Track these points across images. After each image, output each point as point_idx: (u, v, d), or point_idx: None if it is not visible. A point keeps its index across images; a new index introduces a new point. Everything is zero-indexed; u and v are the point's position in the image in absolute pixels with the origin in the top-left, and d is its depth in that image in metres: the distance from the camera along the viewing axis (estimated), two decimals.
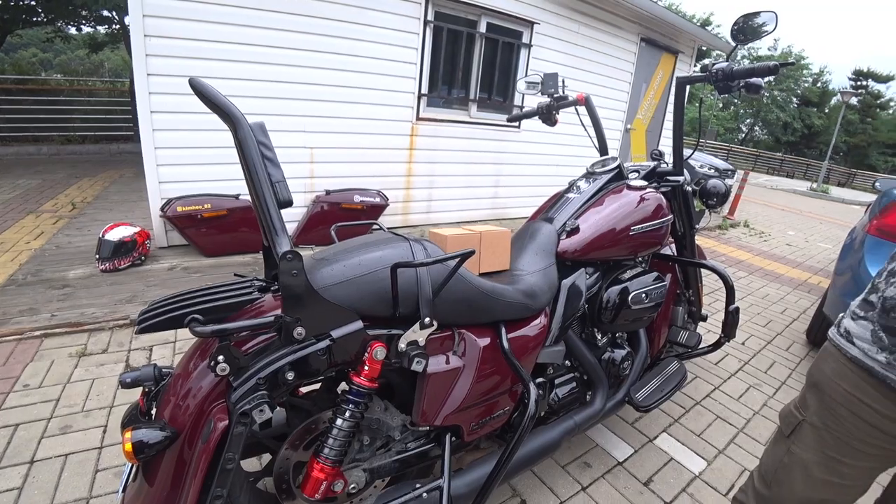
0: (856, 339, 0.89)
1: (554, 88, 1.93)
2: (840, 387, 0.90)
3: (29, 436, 1.70)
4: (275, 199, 0.84)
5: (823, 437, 0.92)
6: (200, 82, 0.82)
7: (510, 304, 1.19)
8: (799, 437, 0.96)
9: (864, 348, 0.87)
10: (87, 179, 6.20)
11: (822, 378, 0.94)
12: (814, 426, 0.94)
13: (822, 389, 0.93)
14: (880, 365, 0.84)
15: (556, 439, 1.43)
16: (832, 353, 0.94)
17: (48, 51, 20.72)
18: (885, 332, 0.84)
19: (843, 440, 0.90)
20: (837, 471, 0.92)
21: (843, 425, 0.89)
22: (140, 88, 3.16)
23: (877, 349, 0.85)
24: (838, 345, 0.92)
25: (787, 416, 1.01)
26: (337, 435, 0.99)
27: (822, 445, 0.92)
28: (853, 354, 0.88)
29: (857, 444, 0.89)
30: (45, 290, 2.79)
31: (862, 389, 0.87)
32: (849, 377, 0.89)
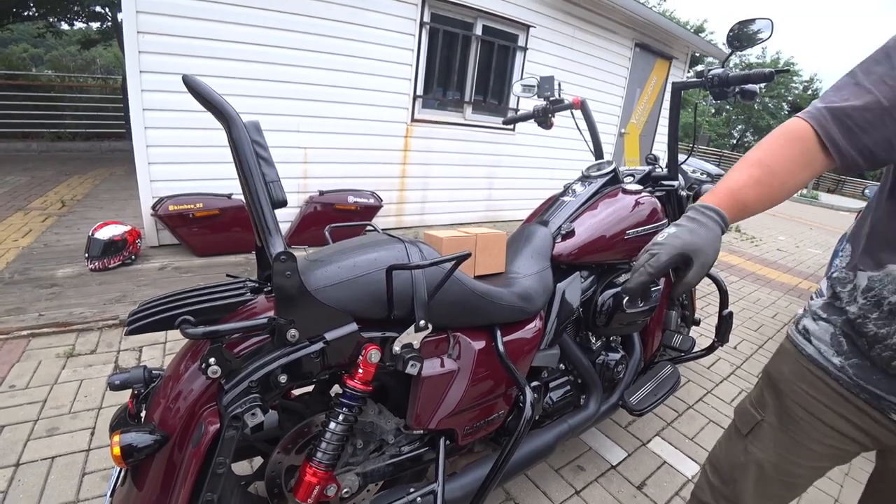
0: (813, 339, 0.88)
1: (550, 91, 1.93)
2: (798, 387, 0.89)
3: (15, 438, 1.66)
4: (269, 199, 0.82)
5: (781, 438, 0.91)
6: (194, 79, 0.81)
7: (505, 307, 1.19)
8: (757, 437, 0.94)
9: (820, 349, 0.86)
10: (77, 177, 6.13)
11: (780, 378, 0.93)
12: (772, 426, 0.92)
13: (780, 390, 0.92)
14: (834, 367, 0.84)
15: (551, 443, 1.42)
16: (790, 351, 0.92)
17: (39, 46, 20.49)
18: (846, 339, 0.82)
19: (799, 441, 0.89)
20: (791, 472, 0.92)
21: (801, 426, 0.88)
22: (132, 86, 3.13)
23: (833, 352, 0.84)
24: (796, 342, 0.91)
25: (744, 414, 0.99)
26: (330, 438, 0.98)
27: (779, 447, 0.91)
28: (808, 353, 0.88)
29: (814, 444, 0.88)
30: (33, 289, 2.75)
31: (819, 389, 0.86)
32: (807, 377, 0.87)
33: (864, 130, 0.69)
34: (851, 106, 0.70)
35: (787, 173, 0.76)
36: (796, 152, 0.76)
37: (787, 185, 0.78)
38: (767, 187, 0.77)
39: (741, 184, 0.78)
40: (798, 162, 0.76)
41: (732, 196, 0.78)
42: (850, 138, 0.71)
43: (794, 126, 0.77)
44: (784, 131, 0.78)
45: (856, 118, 0.70)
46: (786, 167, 0.76)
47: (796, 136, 0.76)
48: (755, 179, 0.77)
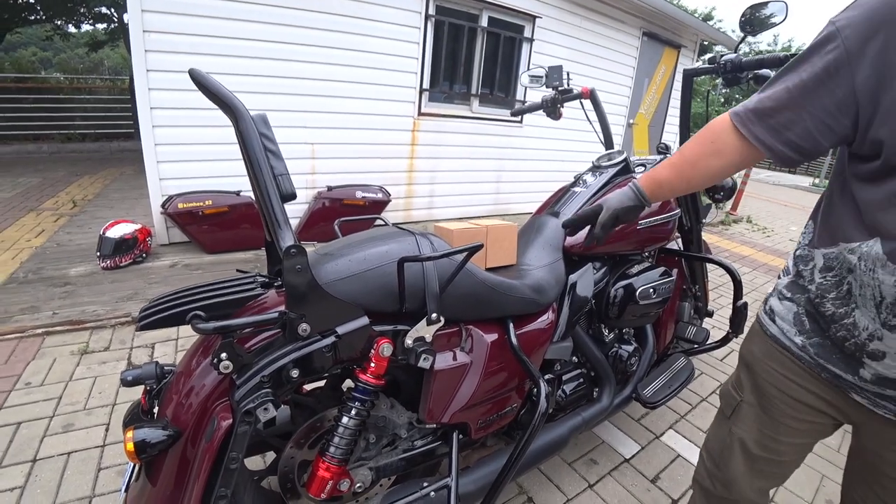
0: (777, 319, 0.90)
1: (559, 82, 1.90)
2: (769, 366, 0.91)
3: (31, 434, 1.68)
4: (278, 193, 0.82)
5: (759, 416, 0.94)
6: (201, 74, 0.80)
7: (518, 299, 1.17)
8: (738, 418, 0.98)
9: (783, 328, 0.88)
10: (87, 177, 6.18)
11: (751, 359, 0.96)
12: (750, 405, 0.96)
13: (753, 370, 0.95)
14: (796, 346, 0.86)
15: (564, 436, 1.41)
16: (757, 330, 0.96)
17: (48, 49, 20.69)
18: (808, 317, 0.84)
19: (776, 418, 0.92)
20: (775, 449, 0.94)
21: (775, 404, 0.91)
22: (140, 85, 3.14)
23: (795, 331, 0.86)
24: (762, 322, 0.94)
25: (726, 396, 1.02)
26: (343, 433, 0.97)
27: (760, 424, 0.94)
28: (772, 332, 0.91)
29: (790, 420, 0.91)
30: (47, 287, 2.78)
31: (787, 367, 0.88)
32: (775, 356, 0.90)
33: (787, 127, 0.75)
34: (772, 107, 0.76)
35: (696, 157, 0.90)
36: (706, 141, 0.87)
37: (698, 169, 0.90)
38: (677, 167, 0.95)
39: (660, 167, 1.00)
40: (707, 150, 0.87)
41: (649, 175, 1.02)
42: (776, 135, 0.76)
43: (715, 120, 0.87)
44: (707, 125, 0.89)
45: (777, 116, 0.75)
46: (695, 153, 0.90)
47: (710, 128, 0.87)
48: (670, 163, 0.96)
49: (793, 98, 0.73)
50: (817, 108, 0.71)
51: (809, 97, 0.71)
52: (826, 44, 0.70)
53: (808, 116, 0.72)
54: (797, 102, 0.73)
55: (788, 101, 0.74)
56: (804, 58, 0.73)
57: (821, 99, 0.70)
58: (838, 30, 0.68)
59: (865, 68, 0.66)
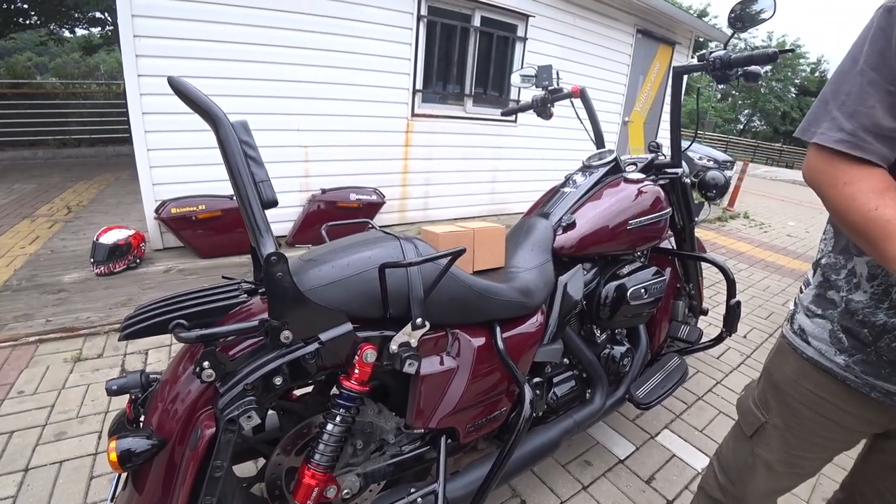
0: (811, 339, 0.83)
1: (549, 81, 1.90)
2: (802, 387, 0.86)
3: (24, 443, 1.68)
4: (259, 199, 0.81)
5: (787, 437, 0.90)
6: (180, 81, 0.80)
7: (505, 302, 1.17)
8: (762, 439, 0.93)
9: (820, 349, 0.82)
10: (82, 183, 6.17)
11: (781, 378, 0.90)
12: (777, 428, 0.91)
13: (782, 390, 0.89)
14: (839, 367, 0.79)
15: (556, 439, 1.41)
16: (788, 351, 0.89)
17: (43, 54, 20.64)
18: (846, 333, 0.78)
19: (806, 438, 0.88)
20: (799, 465, 0.92)
21: (806, 425, 0.87)
22: (131, 90, 3.13)
23: (835, 351, 0.79)
24: (794, 344, 0.87)
25: (748, 415, 0.97)
26: (328, 440, 0.97)
27: (787, 446, 0.90)
28: (809, 355, 0.84)
29: (820, 440, 0.87)
30: (40, 295, 2.77)
31: (823, 387, 0.83)
32: (810, 376, 0.84)
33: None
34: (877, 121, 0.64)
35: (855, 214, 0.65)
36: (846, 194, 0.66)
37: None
38: None
39: None
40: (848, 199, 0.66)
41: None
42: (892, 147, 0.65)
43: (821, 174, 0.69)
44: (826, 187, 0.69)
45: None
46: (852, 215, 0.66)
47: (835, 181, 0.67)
48: None
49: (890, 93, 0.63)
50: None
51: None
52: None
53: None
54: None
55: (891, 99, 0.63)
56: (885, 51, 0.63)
57: None
58: None
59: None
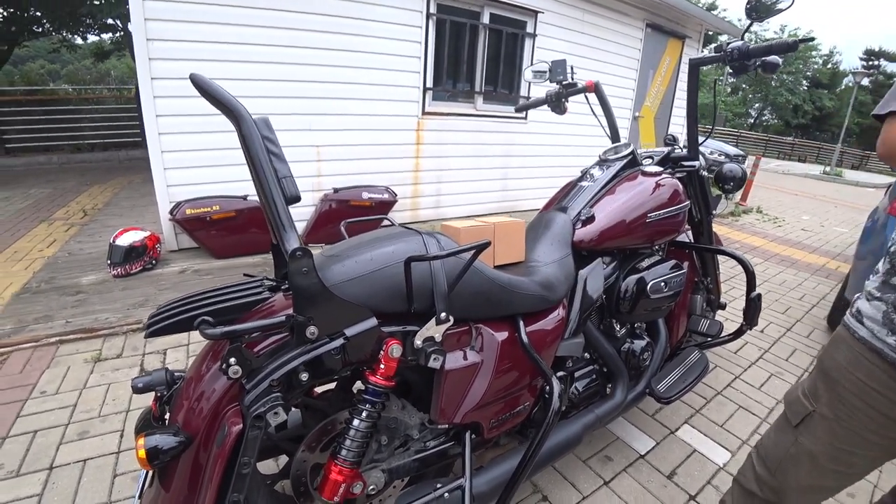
0: (865, 320, 0.84)
1: (563, 76, 1.89)
2: (854, 376, 0.85)
3: (47, 442, 1.70)
4: (282, 196, 0.81)
5: (835, 428, 0.88)
6: (202, 78, 0.80)
7: (528, 296, 1.16)
8: (808, 429, 0.92)
9: (873, 329, 0.83)
10: (97, 186, 6.25)
11: (833, 366, 0.89)
12: (825, 417, 0.89)
13: (835, 379, 0.88)
14: (889, 347, 0.80)
15: (578, 433, 1.40)
16: (844, 337, 0.89)
17: (55, 61, 20.95)
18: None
19: (856, 432, 0.86)
20: (847, 461, 0.89)
21: (857, 416, 0.85)
22: (145, 93, 3.16)
23: (887, 331, 0.80)
24: (849, 325, 0.88)
25: (795, 404, 0.96)
26: (354, 436, 0.96)
27: (833, 437, 0.88)
28: (861, 335, 0.84)
29: (871, 435, 0.85)
30: (59, 297, 2.80)
31: (877, 378, 0.82)
32: (863, 365, 0.84)
33: None
34: None
35: None
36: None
37: None
38: None
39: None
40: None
41: None
42: None
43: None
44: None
45: None
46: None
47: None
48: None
49: None
50: None
51: None
52: None
53: None
54: None
55: None
56: None
57: None
58: None
59: None
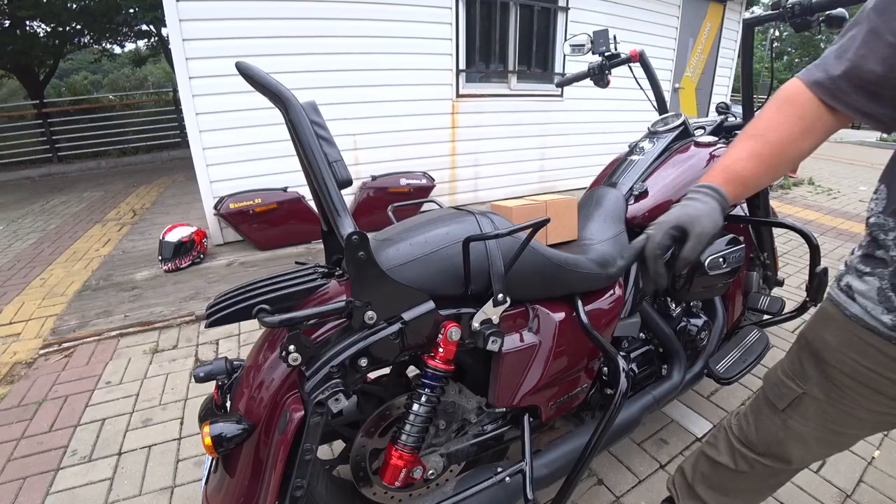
0: (857, 296, 0.77)
1: (605, 47, 1.80)
2: (847, 357, 0.79)
3: (115, 429, 1.79)
4: (334, 180, 0.79)
5: (826, 410, 0.84)
6: (247, 65, 0.79)
7: (585, 275, 1.11)
8: (797, 411, 0.88)
9: (866, 307, 0.76)
10: (143, 187, 6.51)
11: (823, 347, 0.83)
12: (816, 399, 0.85)
13: (824, 360, 0.83)
14: (885, 326, 0.73)
15: (636, 416, 1.35)
16: (833, 315, 0.82)
17: (97, 72, 21.90)
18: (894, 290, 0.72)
19: (847, 412, 0.82)
20: (836, 441, 0.88)
21: (849, 396, 0.81)
22: (184, 93, 3.24)
23: (882, 309, 0.73)
24: (838, 301, 0.80)
25: (779, 386, 0.91)
26: (414, 421, 0.96)
27: (825, 419, 0.85)
28: (853, 312, 0.77)
29: (862, 412, 0.81)
30: (117, 292, 2.94)
31: (868, 355, 0.76)
32: (854, 343, 0.78)
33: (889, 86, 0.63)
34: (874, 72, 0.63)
35: (786, 142, 0.73)
36: (793, 118, 0.72)
37: (788, 154, 0.75)
38: (764, 158, 0.75)
39: (735, 157, 0.76)
40: (797, 130, 0.72)
41: (726, 170, 0.77)
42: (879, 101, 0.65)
43: (792, 91, 0.73)
44: (782, 97, 0.74)
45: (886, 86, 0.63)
46: (783, 135, 0.73)
47: (792, 102, 0.72)
48: (749, 152, 0.75)
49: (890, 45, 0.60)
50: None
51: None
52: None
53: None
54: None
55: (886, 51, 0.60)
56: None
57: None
58: None
59: None
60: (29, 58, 9.80)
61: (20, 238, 4.33)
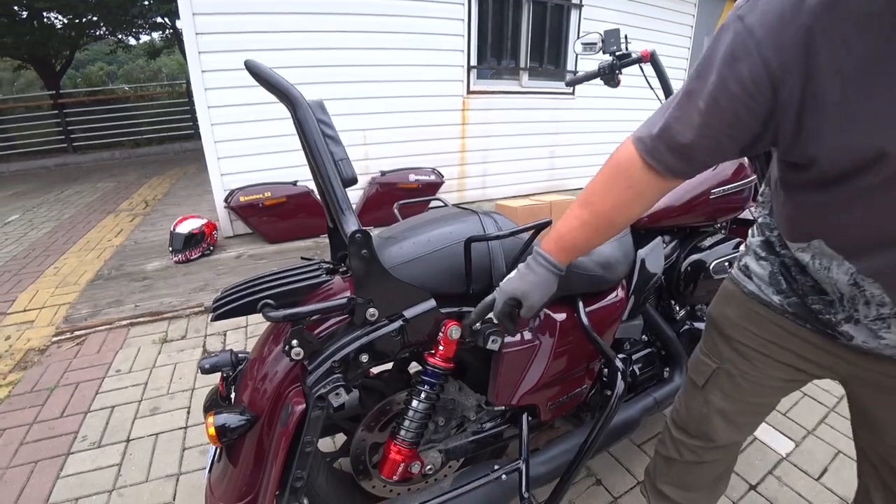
0: (753, 276, 0.84)
1: (616, 46, 1.79)
2: (747, 329, 0.85)
3: (124, 417, 1.82)
4: (339, 178, 0.81)
5: (740, 383, 0.88)
6: (256, 64, 0.80)
7: (587, 276, 1.12)
8: (715, 386, 0.92)
9: (760, 286, 0.83)
10: (156, 178, 6.59)
11: (725, 322, 0.89)
12: (730, 374, 0.89)
13: (729, 335, 0.89)
14: (775, 304, 0.81)
15: (636, 417, 1.35)
16: (733, 292, 0.88)
17: (112, 63, 22.14)
18: (784, 275, 0.79)
19: (758, 382, 0.87)
20: (757, 412, 0.93)
21: (758, 367, 0.86)
22: (196, 86, 3.27)
23: (773, 290, 0.80)
24: (738, 280, 0.87)
25: (698, 365, 0.96)
26: (413, 416, 0.97)
27: (740, 392, 0.89)
28: (749, 289, 0.84)
29: (772, 381, 0.86)
30: (128, 282, 2.99)
31: (768, 329, 0.83)
32: (753, 318, 0.84)
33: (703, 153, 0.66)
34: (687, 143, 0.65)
35: (615, 211, 0.76)
36: (622, 186, 0.74)
37: (618, 221, 0.78)
38: (594, 227, 0.79)
39: (569, 227, 0.80)
40: (626, 198, 0.74)
41: (560, 240, 0.81)
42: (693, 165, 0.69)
43: (621, 157, 0.73)
44: (613, 162, 0.75)
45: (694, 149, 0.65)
46: (612, 205, 0.76)
47: (620, 168, 0.74)
48: (581, 221, 0.79)
49: (708, 126, 0.62)
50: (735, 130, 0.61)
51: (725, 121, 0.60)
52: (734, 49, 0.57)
53: (725, 140, 0.63)
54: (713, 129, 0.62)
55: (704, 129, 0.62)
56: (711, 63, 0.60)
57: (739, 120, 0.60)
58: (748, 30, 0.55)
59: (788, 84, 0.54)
60: (46, 49, 9.95)
61: (35, 227, 4.41)
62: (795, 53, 0.53)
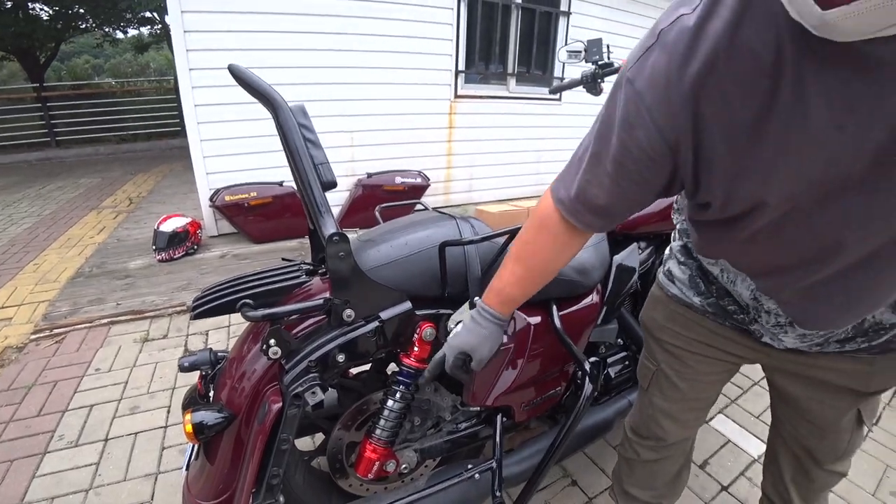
0: (676, 280, 0.89)
1: (598, 56, 1.83)
2: (673, 330, 0.91)
3: (102, 416, 1.81)
4: (318, 182, 0.83)
5: (677, 383, 0.93)
6: (240, 68, 0.82)
7: (561, 280, 1.14)
8: (656, 387, 0.97)
9: (682, 289, 0.88)
10: (141, 175, 6.51)
11: (654, 325, 0.95)
12: (666, 375, 0.94)
13: (660, 338, 0.94)
14: (695, 304, 0.86)
15: (610, 419, 1.38)
16: (659, 297, 0.94)
17: (99, 56, 21.79)
18: (702, 278, 0.84)
19: (696, 379, 0.92)
20: (699, 407, 0.98)
21: (691, 366, 0.91)
22: (183, 84, 3.25)
23: (693, 293, 0.86)
24: (662, 284, 0.93)
25: (641, 369, 1.02)
26: (388, 416, 0.99)
27: (678, 392, 0.93)
28: (673, 293, 0.90)
29: (709, 377, 0.92)
30: (110, 280, 2.96)
31: (690, 328, 0.88)
32: (678, 319, 0.89)
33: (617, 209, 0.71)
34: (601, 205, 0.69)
35: (544, 263, 0.81)
36: (549, 242, 0.78)
37: (549, 270, 0.83)
38: (529, 280, 0.83)
39: (505, 282, 0.84)
40: (553, 252, 0.79)
41: (500, 294, 0.86)
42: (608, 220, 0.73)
43: (544, 214, 0.77)
44: (537, 218, 0.79)
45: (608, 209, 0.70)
46: (541, 259, 0.81)
47: (545, 226, 0.77)
48: (516, 277, 0.83)
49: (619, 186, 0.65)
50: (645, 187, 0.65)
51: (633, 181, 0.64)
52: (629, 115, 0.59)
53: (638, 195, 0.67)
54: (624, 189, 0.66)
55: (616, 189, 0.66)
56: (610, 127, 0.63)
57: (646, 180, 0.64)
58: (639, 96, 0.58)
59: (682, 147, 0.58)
60: (30, 40, 9.77)
61: (15, 222, 4.34)
62: (684, 118, 0.55)
